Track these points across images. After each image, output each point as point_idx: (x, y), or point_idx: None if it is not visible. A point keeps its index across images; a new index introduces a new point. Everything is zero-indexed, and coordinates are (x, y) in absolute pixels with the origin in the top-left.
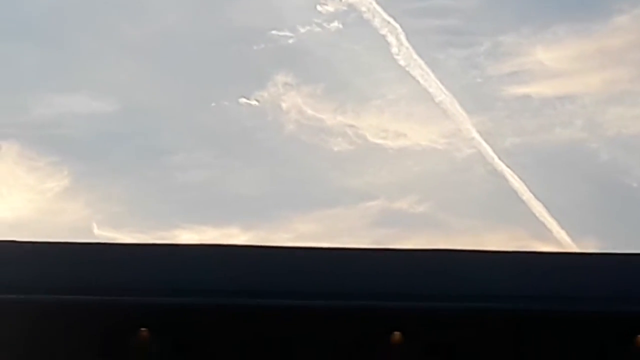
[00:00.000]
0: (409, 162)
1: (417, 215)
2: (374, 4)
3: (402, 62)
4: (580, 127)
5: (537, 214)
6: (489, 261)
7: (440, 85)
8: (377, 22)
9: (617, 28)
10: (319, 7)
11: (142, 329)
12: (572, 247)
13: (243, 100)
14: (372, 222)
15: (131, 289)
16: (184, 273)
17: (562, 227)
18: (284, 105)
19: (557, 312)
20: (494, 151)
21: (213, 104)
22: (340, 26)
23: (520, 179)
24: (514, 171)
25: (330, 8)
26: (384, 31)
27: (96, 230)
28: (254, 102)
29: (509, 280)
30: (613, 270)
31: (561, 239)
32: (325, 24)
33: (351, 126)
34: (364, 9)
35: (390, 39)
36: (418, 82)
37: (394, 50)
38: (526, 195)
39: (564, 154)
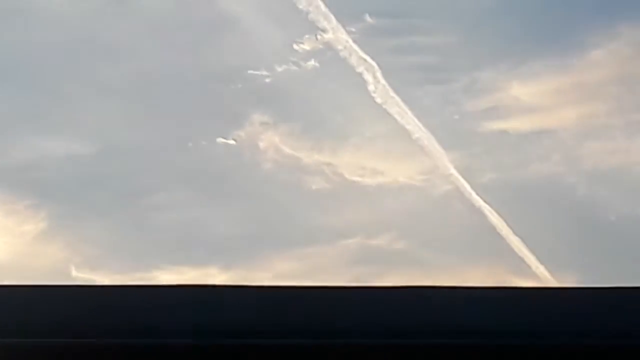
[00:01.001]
0: (386, 200)
1: (395, 252)
2: (350, 42)
3: (379, 100)
4: (558, 161)
5: (516, 249)
6: (468, 297)
7: (418, 122)
8: (353, 60)
9: (594, 62)
10: (295, 46)
11: None
12: (551, 281)
13: (220, 140)
14: (351, 259)
15: (110, 331)
16: (164, 314)
17: (541, 262)
18: (261, 144)
19: (537, 346)
20: (472, 187)
21: (190, 144)
22: (317, 64)
23: (499, 214)
24: (492, 207)
25: (306, 47)
26: (360, 69)
27: (74, 273)
28: (231, 142)
29: (489, 315)
30: (592, 304)
31: (540, 274)
32: (301, 63)
33: (328, 164)
34: (340, 47)
35: (367, 76)
36: (395, 119)
37: (371, 87)
38: (504, 230)
39: (542, 188)
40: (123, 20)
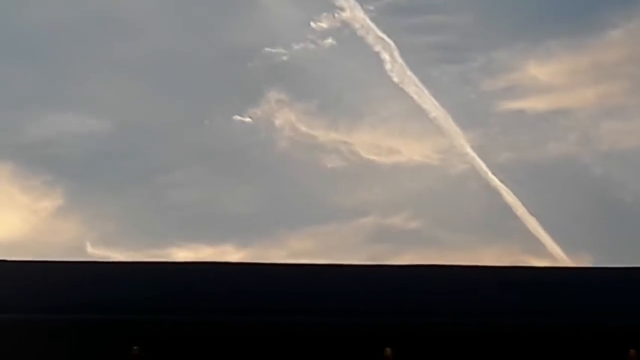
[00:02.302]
0: (402, 178)
1: (410, 231)
2: (368, 20)
3: (395, 79)
4: (574, 141)
5: (531, 229)
6: (483, 276)
7: (434, 101)
8: (370, 39)
9: (611, 42)
10: (312, 24)
11: (135, 347)
12: (566, 261)
13: (236, 117)
14: (366, 238)
15: (125, 307)
16: (178, 291)
17: (556, 242)
18: (277, 122)
19: (553, 326)
20: (488, 166)
21: (206, 122)
22: (334, 43)
23: (514, 194)
24: (507, 186)
25: (324, 24)
26: (377, 48)
27: (90, 249)
28: (247, 120)
29: (504, 295)
30: (607, 284)
31: (555, 254)
32: (319, 41)
33: (345, 143)
34: (357, 25)
35: (384, 55)
36: (412, 98)
37: (388, 66)
38: (520, 210)
39: (558, 168)
40: None
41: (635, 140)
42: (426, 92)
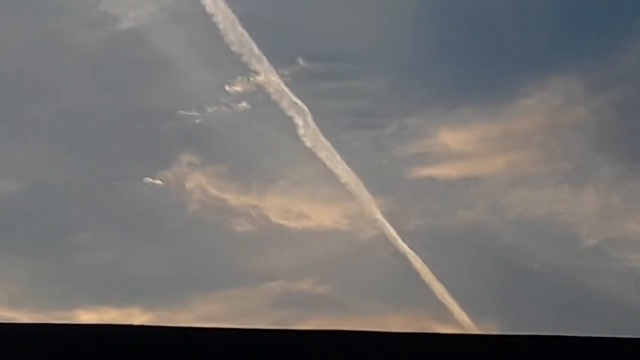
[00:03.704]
0: (311, 243)
1: (318, 296)
2: (282, 85)
3: (308, 143)
4: (484, 209)
5: (439, 296)
6: (389, 343)
7: (346, 167)
8: (284, 103)
9: (523, 111)
10: (227, 87)
11: None
12: (473, 329)
13: (147, 179)
14: (274, 302)
15: None
16: (81, 353)
17: (464, 309)
18: (188, 185)
19: None
20: (397, 233)
21: (117, 184)
22: (248, 106)
23: (423, 260)
24: (416, 253)
25: (238, 88)
26: (291, 112)
27: None
28: (158, 182)
29: None
30: (514, 352)
31: (462, 321)
32: (232, 104)
33: (255, 207)
34: (272, 90)
35: (297, 120)
36: (324, 163)
37: (301, 131)
38: (428, 277)
39: (467, 236)
40: (53, 58)
41: (544, 209)
42: (338, 157)
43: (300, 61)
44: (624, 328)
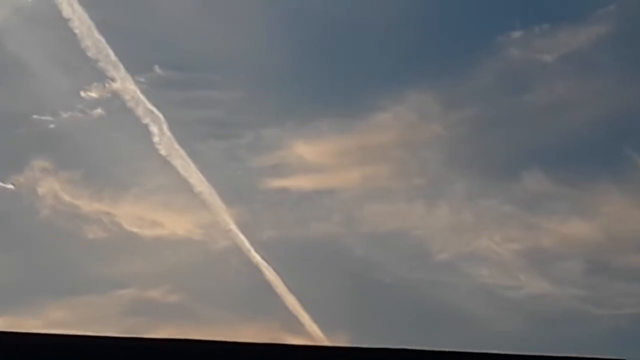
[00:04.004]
0: (164, 252)
1: (170, 304)
2: (138, 92)
3: (163, 152)
4: (338, 222)
5: (291, 307)
6: (240, 353)
7: (201, 176)
8: (140, 111)
9: (379, 125)
10: (82, 93)
11: None
12: (323, 340)
13: None
14: (124, 310)
15: None
16: None
17: (315, 321)
18: (40, 190)
19: None
20: (251, 243)
21: None
22: (103, 113)
23: (275, 271)
24: (269, 264)
25: (94, 94)
26: (146, 120)
27: None
28: (9, 186)
29: None
30: None
31: (313, 332)
32: (88, 110)
33: (108, 214)
34: (127, 97)
35: (153, 128)
36: (178, 172)
37: (156, 139)
38: (280, 288)
39: (320, 248)
40: None
41: (397, 224)
42: (193, 166)
43: (157, 69)
44: (474, 342)
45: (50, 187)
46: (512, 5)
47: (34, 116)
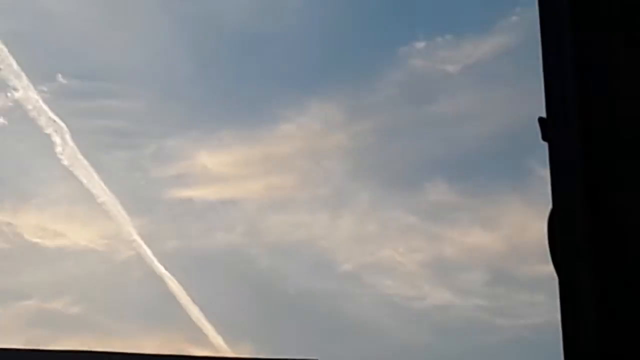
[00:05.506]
0: (66, 263)
1: (72, 316)
2: (41, 102)
3: (65, 162)
4: (242, 232)
5: (194, 318)
6: None
7: (104, 186)
8: (42, 121)
9: (283, 135)
10: None
11: None
12: (227, 352)
13: None
14: (26, 322)
15: None
16: None
17: (219, 332)
18: None
19: None
20: (154, 254)
21: None
22: (5, 122)
23: (179, 282)
24: (173, 275)
25: None
26: (49, 130)
27: None
28: None
29: None
30: None
31: (217, 344)
32: None
33: (8, 224)
34: (30, 106)
35: (55, 138)
36: (81, 182)
37: (59, 149)
38: (184, 299)
39: (224, 259)
40: None
41: (301, 234)
42: (96, 176)
43: (60, 78)
44: (378, 352)
45: None
46: (416, 15)
47: None
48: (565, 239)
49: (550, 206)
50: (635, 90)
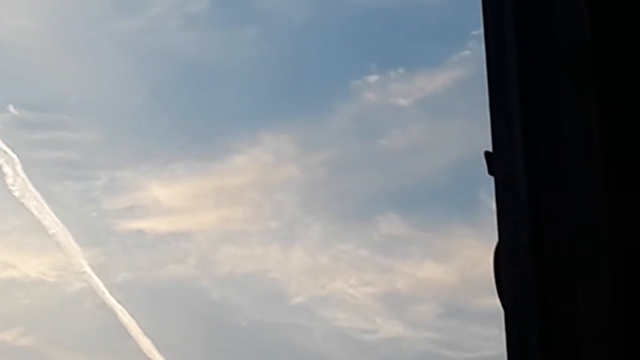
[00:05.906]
0: (16, 294)
1: (21, 348)
2: None
3: (16, 193)
4: (193, 264)
5: (145, 351)
6: None
7: (55, 218)
8: None
9: (235, 168)
10: None
11: None
12: None
13: None
14: None
15: None
16: None
17: None
18: None
19: None
20: (105, 286)
21: None
22: None
23: (130, 314)
24: (124, 306)
25: None
26: (0, 161)
27: None
28: None
29: None
30: None
31: None
32: None
33: None
34: None
35: (6, 169)
36: (32, 213)
37: (10, 180)
38: (135, 331)
39: (176, 291)
40: None
41: (253, 266)
42: (47, 208)
43: (11, 109)
44: None
45: None
46: (368, 49)
47: None
48: (509, 272)
49: (497, 240)
50: (579, 125)
